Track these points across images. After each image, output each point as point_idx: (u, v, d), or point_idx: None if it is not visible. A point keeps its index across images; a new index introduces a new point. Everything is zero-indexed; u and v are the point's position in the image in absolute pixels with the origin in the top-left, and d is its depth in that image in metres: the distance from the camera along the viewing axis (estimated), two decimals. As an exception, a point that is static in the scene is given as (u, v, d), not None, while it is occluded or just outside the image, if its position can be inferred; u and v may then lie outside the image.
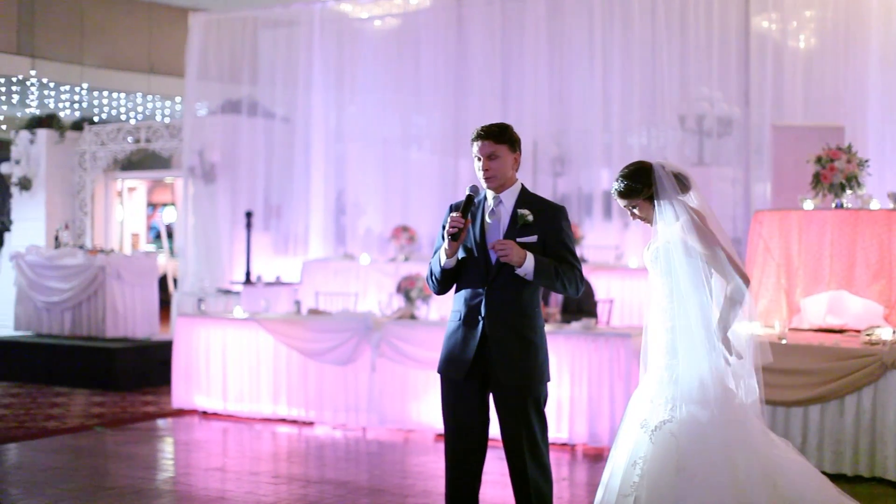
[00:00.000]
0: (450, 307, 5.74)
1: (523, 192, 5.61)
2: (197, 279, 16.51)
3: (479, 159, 5.51)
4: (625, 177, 5.51)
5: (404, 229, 15.33)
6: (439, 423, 5.71)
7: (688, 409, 5.24)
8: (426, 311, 12.03)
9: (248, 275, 15.70)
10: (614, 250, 14.47)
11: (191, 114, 17.30)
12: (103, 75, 22.10)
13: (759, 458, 5.18)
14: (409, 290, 11.94)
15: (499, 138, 5.50)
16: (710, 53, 14.02)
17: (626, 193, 5.51)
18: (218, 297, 15.73)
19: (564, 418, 10.03)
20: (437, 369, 5.68)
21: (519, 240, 5.43)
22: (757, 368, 5.47)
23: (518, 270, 5.38)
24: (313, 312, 12.25)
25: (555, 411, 9.96)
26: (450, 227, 5.42)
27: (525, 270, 5.38)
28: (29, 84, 21.20)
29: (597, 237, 14.65)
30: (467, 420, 5.58)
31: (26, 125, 19.32)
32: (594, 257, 14.33)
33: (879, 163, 12.18)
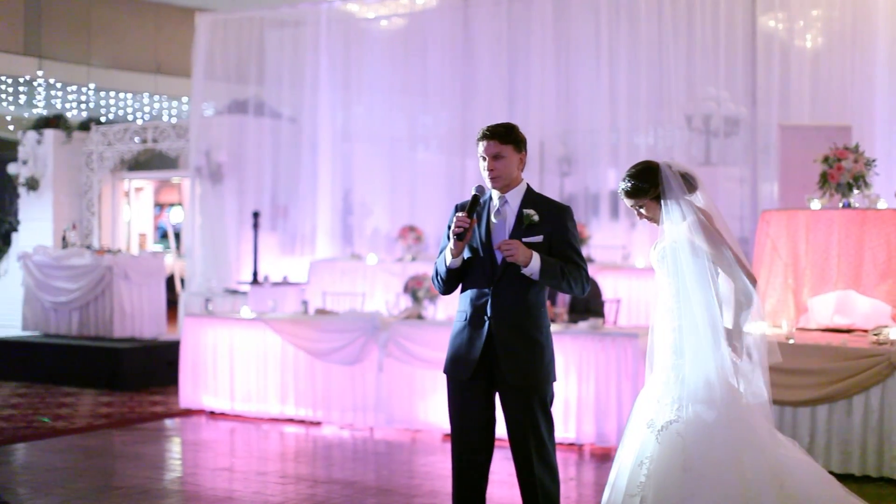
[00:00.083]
0: (457, 307, 5.74)
1: (529, 192, 5.60)
2: (204, 279, 16.54)
3: (484, 159, 5.51)
4: (632, 176, 5.51)
5: (411, 229, 15.34)
6: (447, 423, 5.71)
7: (694, 409, 5.23)
8: (433, 310, 12.02)
9: (255, 275, 15.71)
10: (621, 250, 14.47)
11: (197, 114, 17.32)
12: (110, 75, 22.16)
13: (765, 457, 5.18)
14: (417, 289, 11.93)
15: (504, 138, 5.49)
16: (717, 53, 14.03)
17: (632, 193, 5.51)
18: (225, 297, 15.75)
19: (572, 418, 10.03)
20: (443, 370, 5.67)
21: (525, 240, 5.42)
22: (765, 369, 5.46)
23: (524, 270, 5.37)
24: (320, 312, 12.25)
25: (562, 411, 9.96)
26: (455, 226, 5.40)
27: (531, 270, 5.37)
28: (36, 84, 21.26)
29: (604, 237, 14.65)
30: (474, 420, 5.56)
31: (33, 125, 19.34)
32: (601, 257, 14.33)
33: (887, 162, 12.16)
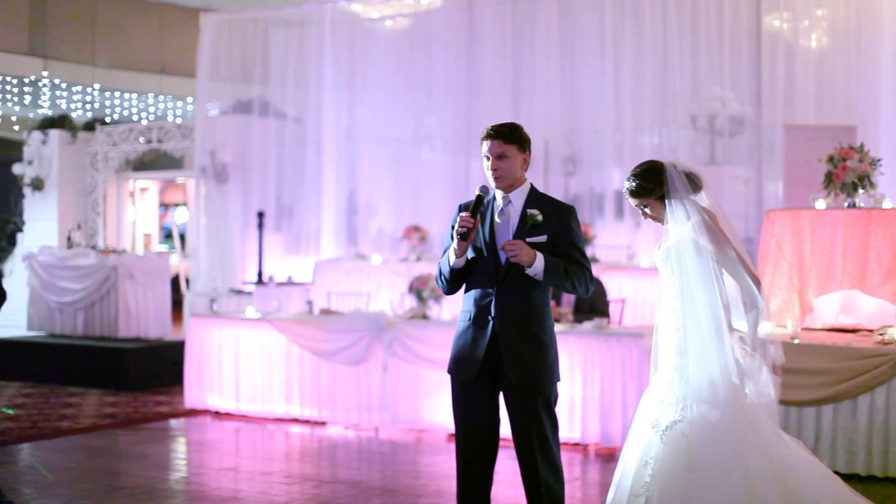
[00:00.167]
0: (461, 307, 5.74)
1: (532, 192, 5.59)
2: (209, 279, 16.53)
3: (488, 159, 5.51)
4: (636, 176, 5.50)
5: (416, 229, 15.34)
6: (451, 423, 5.71)
7: (698, 410, 5.22)
8: (438, 310, 12.02)
9: (260, 275, 15.71)
10: (626, 250, 14.46)
11: (202, 114, 17.32)
12: (115, 76, 22.17)
13: (770, 458, 5.17)
14: (421, 289, 11.93)
15: (508, 138, 5.49)
16: (722, 53, 14.01)
17: (637, 192, 5.50)
18: (230, 297, 15.74)
19: (577, 418, 10.03)
20: (447, 370, 5.68)
21: (528, 240, 5.42)
22: (770, 369, 5.45)
23: (528, 270, 5.37)
24: (325, 312, 12.26)
25: (567, 411, 9.96)
26: (459, 226, 5.40)
27: (535, 271, 5.37)
28: (41, 85, 21.27)
29: (608, 237, 14.64)
30: (478, 420, 5.57)
31: (38, 126, 19.34)
32: (606, 257, 14.32)
33: (892, 162, 12.12)
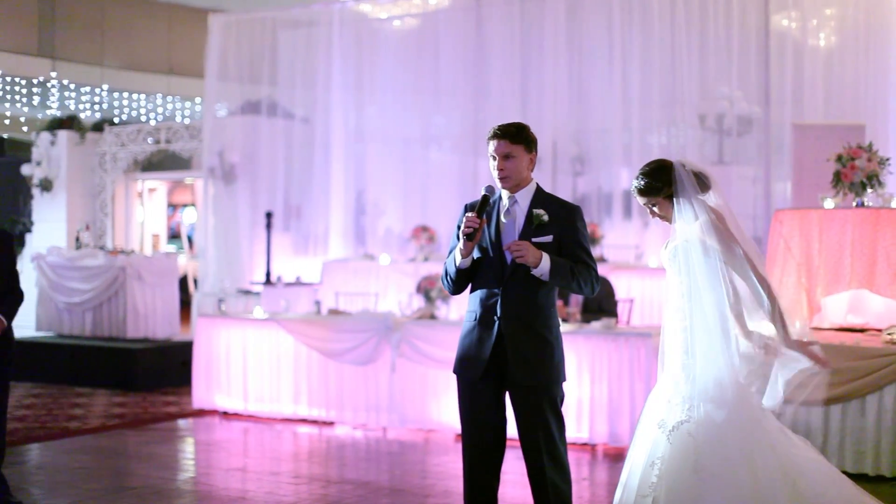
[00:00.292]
0: (466, 307, 5.73)
1: (538, 192, 5.58)
2: (217, 280, 16.53)
3: (494, 159, 5.50)
4: (645, 174, 5.48)
5: (424, 229, 15.33)
6: (459, 423, 5.70)
7: (705, 409, 5.20)
8: (446, 310, 12.02)
9: (268, 275, 15.71)
10: (634, 250, 14.44)
11: (210, 115, 17.33)
12: (123, 76, 22.17)
13: (777, 457, 5.16)
14: (429, 289, 11.93)
15: (515, 138, 5.47)
16: (730, 52, 13.98)
17: (645, 191, 5.49)
18: (238, 297, 15.76)
19: (585, 418, 10.02)
20: (453, 370, 5.67)
21: (534, 240, 5.41)
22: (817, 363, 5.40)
23: (534, 271, 5.36)
24: (333, 312, 12.26)
25: (575, 411, 9.95)
26: (465, 227, 5.39)
27: (541, 271, 5.35)
28: (50, 85, 21.27)
29: (616, 237, 14.62)
30: (484, 420, 5.56)
31: (47, 126, 19.36)
32: (614, 257, 14.30)
33: (900, 161, 12.12)
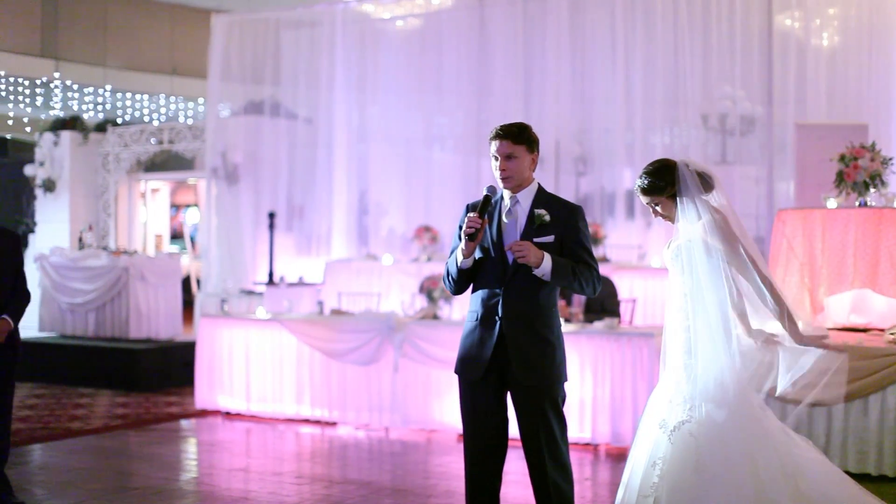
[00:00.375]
0: (468, 307, 5.73)
1: (540, 192, 5.59)
2: (220, 280, 16.53)
3: (496, 159, 5.50)
4: (649, 174, 5.47)
5: (427, 229, 15.33)
6: (461, 424, 5.70)
7: (706, 409, 5.20)
8: (449, 311, 12.02)
9: (270, 275, 15.71)
10: (637, 250, 14.42)
11: (213, 115, 17.32)
12: (126, 77, 22.20)
13: (779, 457, 5.15)
14: (432, 290, 11.93)
15: (517, 138, 5.47)
16: (733, 52, 13.97)
17: (649, 190, 5.47)
18: (241, 297, 15.76)
19: (587, 418, 10.02)
20: (454, 370, 5.67)
21: (536, 240, 5.41)
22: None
23: (535, 271, 5.36)
24: (336, 313, 12.26)
25: (577, 411, 9.95)
26: (467, 227, 5.39)
27: (542, 271, 5.35)
28: (53, 86, 21.31)
29: (619, 237, 14.61)
30: (486, 420, 5.56)
31: (50, 127, 19.36)
32: (617, 257, 14.29)
33: (903, 161, 12.11)
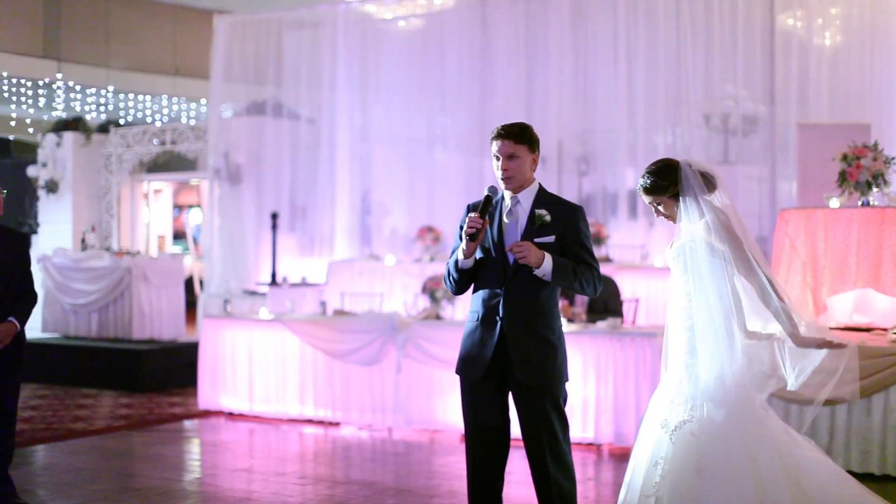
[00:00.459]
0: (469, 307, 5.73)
1: (541, 192, 5.59)
2: (223, 281, 16.55)
3: (498, 159, 5.50)
4: (651, 173, 5.47)
5: (429, 229, 15.34)
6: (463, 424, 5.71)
7: (707, 409, 5.20)
8: (451, 311, 12.01)
9: (273, 276, 15.72)
10: (640, 249, 14.43)
11: (216, 116, 17.33)
12: (129, 78, 22.19)
13: (781, 456, 5.15)
14: (435, 290, 11.93)
15: (519, 138, 5.48)
16: (735, 51, 13.97)
17: (651, 190, 5.47)
18: (244, 298, 15.75)
19: (590, 418, 10.02)
20: (456, 370, 5.68)
21: (536, 240, 5.41)
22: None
23: (536, 272, 5.36)
24: (339, 313, 12.26)
25: (580, 411, 9.95)
26: (468, 227, 5.39)
27: (543, 271, 5.35)
28: (55, 87, 21.30)
29: (622, 237, 14.61)
30: (487, 420, 5.56)
31: (53, 128, 19.36)
32: (620, 257, 14.29)
33: (906, 160, 12.10)
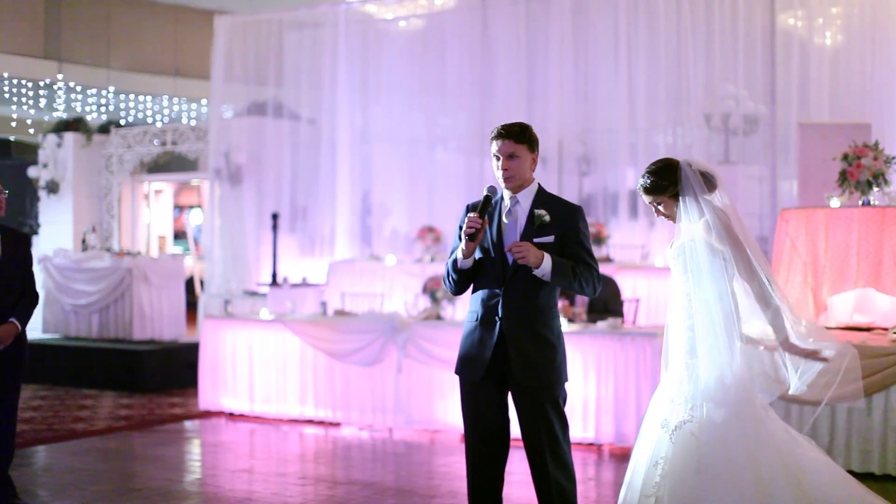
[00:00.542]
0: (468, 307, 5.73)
1: (540, 193, 5.59)
2: (223, 281, 16.54)
3: (497, 158, 5.50)
4: (651, 173, 5.47)
5: (430, 230, 15.33)
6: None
7: (707, 409, 5.20)
8: (452, 311, 12.01)
9: (274, 276, 15.72)
10: (640, 249, 14.42)
11: (217, 116, 17.33)
12: (129, 78, 22.18)
13: (781, 456, 5.14)
14: (435, 290, 11.93)
15: (519, 138, 5.48)
16: (736, 51, 13.95)
17: (651, 189, 5.47)
18: (244, 298, 15.75)
19: (591, 418, 10.01)
20: (455, 370, 5.68)
21: (536, 240, 5.41)
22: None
23: (535, 271, 5.36)
24: (339, 313, 12.26)
25: (581, 411, 9.95)
26: (467, 227, 5.40)
27: (542, 271, 5.35)
28: (56, 88, 21.30)
29: (623, 237, 14.60)
30: (487, 421, 5.57)
31: (53, 129, 19.35)
32: (620, 257, 14.29)
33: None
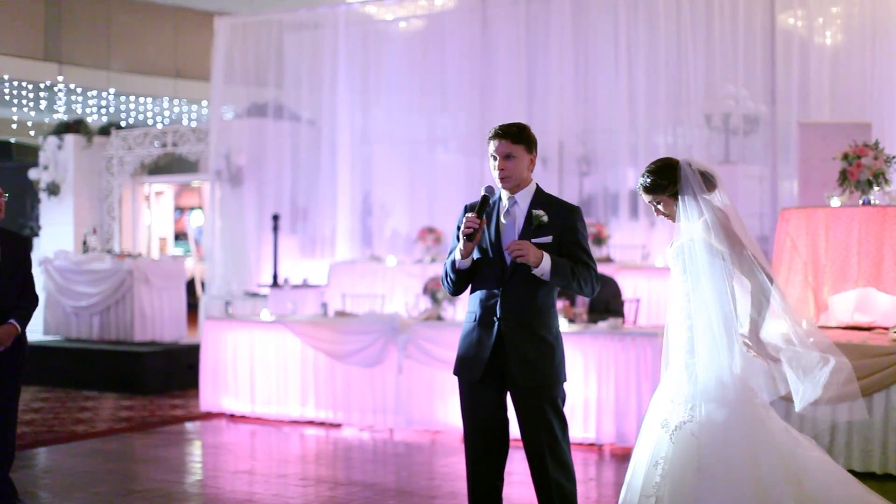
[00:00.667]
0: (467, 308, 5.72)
1: (538, 193, 5.59)
2: (224, 282, 16.54)
3: (495, 158, 5.50)
4: (651, 172, 5.48)
5: (430, 230, 15.33)
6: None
7: (707, 409, 5.20)
8: (453, 312, 12.01)
9: (275, 277, 15.72)
10: (641, 250, 14.41)
11: (217, 117, 17.32)
12: (130, 80, 22.17)
13: (782, 456, 5.14)
14: (436, 291, 11.93)
15: (516, 138, 5.48)
16: (736, 51, 13.94)
17: (651, 189, 5.47)
18: (245, 299, 15.76)
19: (591, 418, 10.01)
20: (454, 371, 5.69)
21: (534, 240, 5.40)
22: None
23: (534, 271, 5.36)
24: (340, 314, 12.26)
25: (582, 411, 9.95)
26: (465, 227, 5.41)
27: (541, 271, 5.35)
28: (56, 90, 21.30)
29: (623, 237, 14.59)
30: (486, 421, 5.57)
31: (54, 131, 19.35)
32: (620, 257, 14.27)
33: (907, 159, 12.09)
